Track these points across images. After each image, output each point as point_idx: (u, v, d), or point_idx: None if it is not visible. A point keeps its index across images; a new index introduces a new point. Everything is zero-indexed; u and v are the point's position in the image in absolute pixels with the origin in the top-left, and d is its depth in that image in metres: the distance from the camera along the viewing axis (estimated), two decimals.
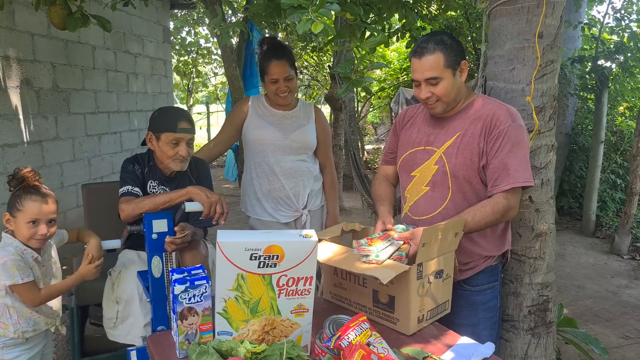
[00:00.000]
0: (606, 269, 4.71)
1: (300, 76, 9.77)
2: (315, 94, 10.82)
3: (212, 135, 12.15)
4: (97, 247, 1.86)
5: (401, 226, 1.66)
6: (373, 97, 10.46)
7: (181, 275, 1.35)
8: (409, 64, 9.64)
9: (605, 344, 2.89)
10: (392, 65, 9.90)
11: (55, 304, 1.86)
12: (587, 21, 6.04)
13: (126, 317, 1.99)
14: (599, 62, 5.52)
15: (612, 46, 5.58)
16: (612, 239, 5.27)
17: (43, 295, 1.74)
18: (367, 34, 2.59)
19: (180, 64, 10.85)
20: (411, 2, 2.90)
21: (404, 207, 1.82)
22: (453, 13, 5.19)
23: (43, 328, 1.82)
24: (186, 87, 12.04)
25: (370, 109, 12.58)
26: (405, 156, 1.81)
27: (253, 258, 1.24)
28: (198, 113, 13.28)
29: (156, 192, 2.00)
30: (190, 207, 1.79)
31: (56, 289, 1.78)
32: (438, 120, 1.74)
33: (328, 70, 7.58)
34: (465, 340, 1.44)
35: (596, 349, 2.28)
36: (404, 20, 3.04)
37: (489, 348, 1.37)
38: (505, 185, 1.57)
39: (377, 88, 9.93)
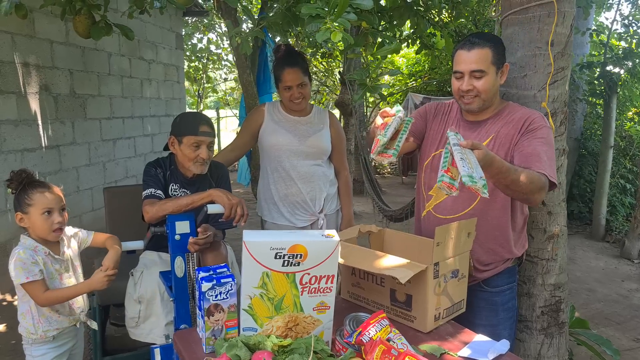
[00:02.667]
0: (616, 273, 4.72)
1: None
2: (324, 99, 10.89)
3: (222, 140, 12.26)
4: (114, 260, 1.84)
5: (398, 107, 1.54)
6: (382, 102, 10.52)
7: (207, 274, 1.40)
8: (417, 70, 9.77)
9: (617, 346, 2.91)
10: (400, 71, 9.96)
11: (79, 301, 1.89)
12: (595, 27, 6.07)
13: (148, 316, 2.04)
14: (608, 68, 5.56)
15: (620, 52, 5.61)
16: (622, 243, 5.28)
17: (47, 296, 1.73)
18: (379, 40, 2.65)
19: (191, 70, 10.98)
20: (422, 9, 2.95)
21: (425, 206, 1.84)
22: (462, 20, 5.24)
23: (67, 326, 1.85)
24: (196, 93, 12.16)
25: None
26: (434, 155, 1.81)
27: (278, 257, 1.29)
28: None
29: (177, 194, 2.06)
30: (212, 209, 1.85)
31: (63, 294, 1.78)
32: (469, 123, 1.76)
33: (337, 76, 7.65)
34: (480, 337, 1.48)
35: (608, 350, 2.30)
36: (414, 28, 3.10)
37: (504, 345, 1.41)
38: (538, 169, 1.53)
39: (386, 93, 9.99)
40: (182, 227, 1.89)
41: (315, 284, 1.34)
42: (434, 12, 3.17)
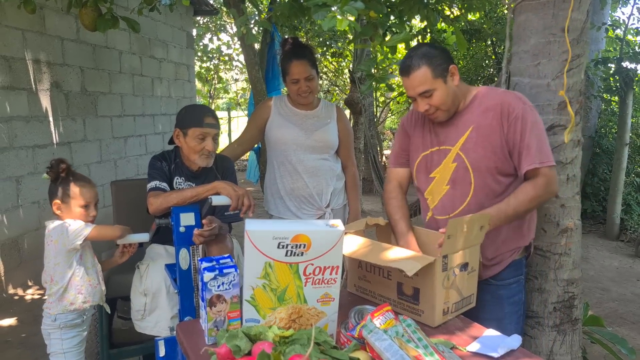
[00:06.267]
0: (631, 272, 4.62)
1: (320, 81, 9.83)
2: (334, 99, 10.85)
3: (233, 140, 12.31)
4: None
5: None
6: (392, 102, 10.45)
7: (210, 264, 1.38)
8: None
9: (632, 346, 2.83)
10: None
11: (103, 285, 2.00)
12: (611, 23, 5.96)
13: (154, 309, 2.03)
14: (624, 64, 5.44)
15: (637, 48, 5.50)
16: (637, 242, 5.17)
17: (116, 227, 1.91)
18: (388, 37, 2.61)
19: (203, 70, 11.02)
20: (433, 1, 2.91)
21: (427, 208, 1.80)
22: (473, 18, 5.16)
23: (96, 302, 1.95)
24: (208, 93, 12.21)
25: (389, 115, 12.56)
26: (420, 159, 1.80)
27: (281, 247, 1.26)
28: (220, 118, 13.52)
29: (182, 188, 2.05)
30: (217, 200, 1.83)
31: (122, 226, 1.96)
32: (446, 121, 1.73)
33: (348, 75, 7.62)
34: (491, 332, 1.44)
35: (623, 349, 2.24)
36: (424, 23, 3.05)
37: (515, 340, 1.36)
38: (529, 165, 1.58)
39: (396, 93, 9.92)
40: (187, 219, 1.87)
41: (319, 274, 1.31)
42: (444, 5, 3.12)
